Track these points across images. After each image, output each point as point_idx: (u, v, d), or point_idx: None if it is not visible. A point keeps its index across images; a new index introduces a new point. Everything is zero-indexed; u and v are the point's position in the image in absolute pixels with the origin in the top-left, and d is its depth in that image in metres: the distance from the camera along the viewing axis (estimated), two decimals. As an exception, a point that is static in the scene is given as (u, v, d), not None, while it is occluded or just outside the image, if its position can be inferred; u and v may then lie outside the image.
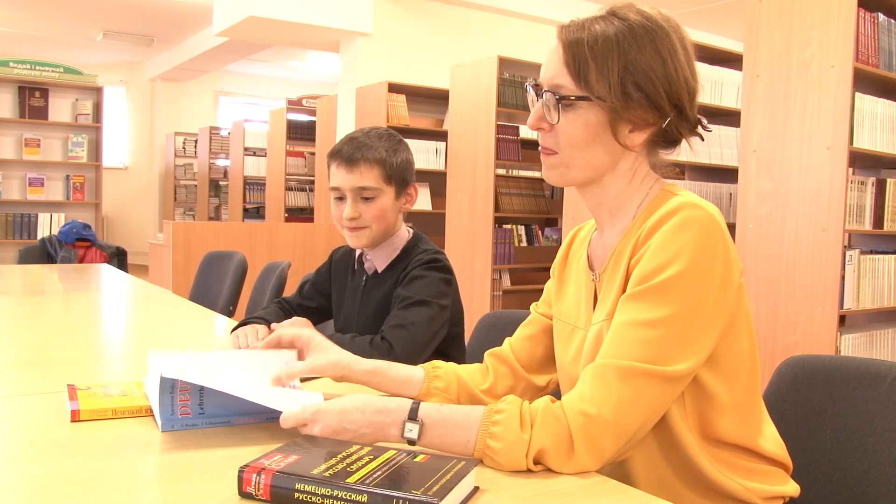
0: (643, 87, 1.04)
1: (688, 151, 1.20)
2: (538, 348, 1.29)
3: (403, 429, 0.98)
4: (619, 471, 1.08)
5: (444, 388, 1.24)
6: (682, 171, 4.50)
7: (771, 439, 1.11)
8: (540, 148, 1.12)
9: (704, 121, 1.13)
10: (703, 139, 1.14)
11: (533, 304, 1.34)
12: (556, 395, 1.08)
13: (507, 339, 1.34)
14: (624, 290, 1.04)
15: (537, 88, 1.09)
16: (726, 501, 1.06)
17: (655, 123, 1.08)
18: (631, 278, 1.03)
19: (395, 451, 0.92)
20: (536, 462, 0.95)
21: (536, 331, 1.30)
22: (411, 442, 0.98)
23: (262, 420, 1.13)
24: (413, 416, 0.98)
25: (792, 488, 1.10)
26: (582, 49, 1.04)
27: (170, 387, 1.09)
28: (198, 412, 1.11)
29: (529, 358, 1.30)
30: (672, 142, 1.12)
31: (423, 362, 1.53)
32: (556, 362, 1.25)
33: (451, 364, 1.30)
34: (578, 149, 1.08)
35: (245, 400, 1.09)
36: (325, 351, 1.29)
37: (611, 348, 0.99)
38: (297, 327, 1.38)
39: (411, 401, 1.00)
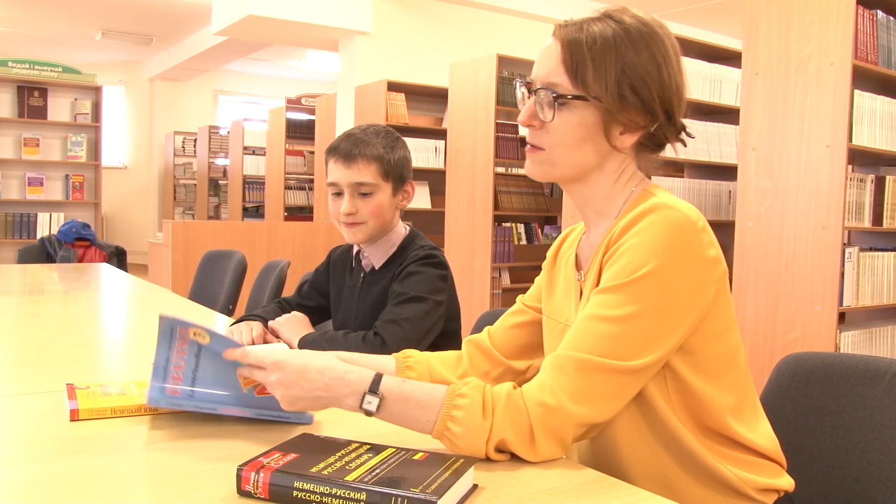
0: (639, 90, 1.05)
1: (688, 149, 1.21)
2: (520, 338, 1.31)
3: (362, 400, 0.98)
4: (615, 458, 1.09)
5: (416, 378, 1.26)
6: (682, 168, 4.50)
7: (765, 436, 1.11)
8: (527, 145, 1.13)
9: (688, 128, 1.14)
10: (685, 145, 1.15)
11: (520, 296, 1.36)
12: None
13: (486, 328, 1.35)
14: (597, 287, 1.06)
15: (529, 86, 1.10)
16: (720, 488, 1.07)
17: (645, 126, 1.09)
18: (602, 276, 1.04)
19: (394, 450, 0.92)
20: (499, 450, 0.96)
21: (520, 321, 1.31)
22: (368, 413, 0.98)
23: (250, 414, 1.12)
24: (374, 388, 0.98)
25: (786, 482, 1.11)
26: (580, 49, 1.05)
27: (168, 331, 1.09)
28: (187, 394, 1.10)
29: (511, 346, 1.31)
30: (658, 146, 1.13)
31: None
32: (542, 355, 1.27)
33: (425, 353, 1.32)
34: (569, 148, 1.09)
35: (235, 390, 1.09)
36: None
37: (573, 340, 1.01)
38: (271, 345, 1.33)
39: (374, 372, 1.00)
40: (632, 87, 1.05)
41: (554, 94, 1.06)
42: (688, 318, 1.01)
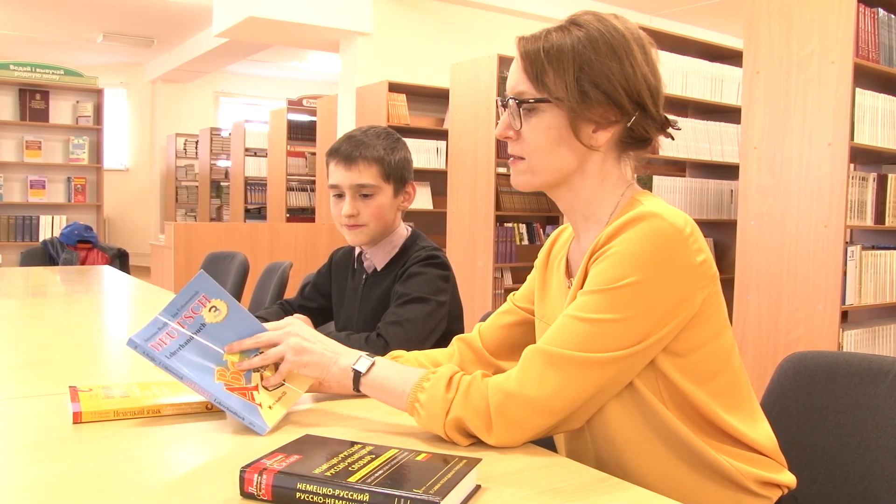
0: (599, 84, 1.06)
1: (689, 149, 1.21)
2: (510, 338, 1.32)
3: (357, 360, 1.11)
4: (617, 457, 1.09)
5: None
6: (683, 168, 4.50)
7: (763, 434, 1.11)
8: (509, 157, 1.15)
9: (673, 120, 1.14)
10: (672, 138, 1.16)
11: (511, 295, 1.36)
12: None
13: (477, 325, 1.36)
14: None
15: (504, 100, 1.13)
16: (721, 480, 1.07)
17: (618, 121, 1.10)
18: (587, 279, 1.05)
19: (397, 451, 0.92)
20: (463, 432, 1.02)
21: (511, 322, 1.32)
22: (357, 374, 1.10)
23: (210, 398, 1.12)
24: (369, 355, 1.12)
25: (787, 478, 1.11)
26: (538, 55, 1.08)
27: (191, 294, 1.14)
28: (165, 355, 1.11)
29: (499, 346, 1.32)
30: (642, 141, 1.13)
31: None
32: None
33: (413, 352, 1.35)
34: (543, 153, 1.10)
35: (209, 380, 1.12)
36: None
37: (549, 335, 1.04)
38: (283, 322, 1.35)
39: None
40: (592, 83, 1.06)
41: (518, 101, 1.09)
42: (666, 325, 1.01)
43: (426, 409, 1.03)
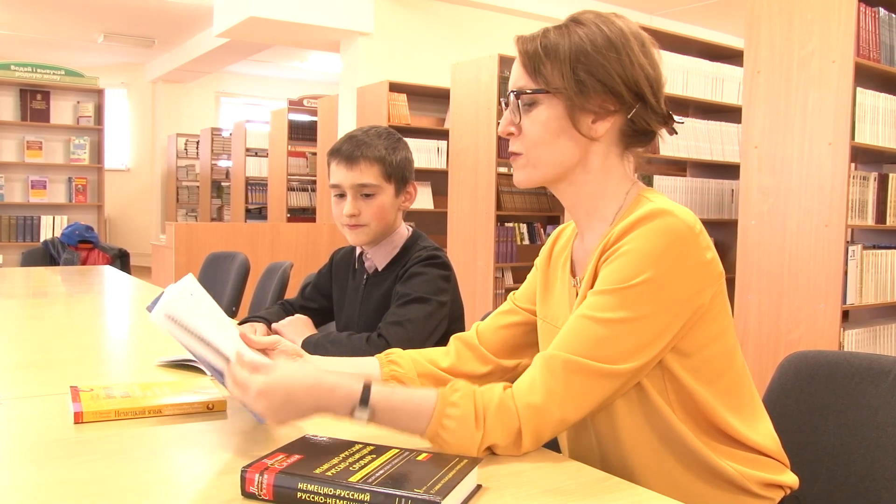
0: (595, 72, 1.07)
1: (690, 148, 1.21)
2: (511, 338, 1.31)
3: (353, 412, 0.98)
4: (620, 458, 1.09)
5: (403, 374, 1.25)
6: (684, 167, 4.50)
7: (765, 434, 1.11)
8: (510, 155, 1.15)
9: (675, 116, 1.14)
10: (675, 133, 1.16)
11: (511, 294, 1.35)
12: None
13: (475, 324, 1.35)
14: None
15: (506, 99, 1.13)
16: (723, 484, 1.07)
17: (617, 111, 1.09)
18: (598, 278, 1.05)
19: (398, 451, 0.92)
20: (487, 451, 0.99)
21: (511, 322, 1.31)
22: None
23: (212, 376, 1.13)
24: (364, 400, 0.98)
25: (790, 478, 1.11)
26: (536, 49, 1.09)
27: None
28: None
29: (500, 346, 1.31)
30: (644, 134, 1.13)
31: None
32: (533, 354, 1.27)
33: (408, 350, 1.32)
34: (543, 146, 1.10)
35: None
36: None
37: (564, 340, 1.02)
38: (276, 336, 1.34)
39: (363, 381, 0.99)
40: (588, 71, 1.06)
41: (517, 94, 1.10)
42: (678, 323, 1.01)
43: (453, 448, 0.96)
